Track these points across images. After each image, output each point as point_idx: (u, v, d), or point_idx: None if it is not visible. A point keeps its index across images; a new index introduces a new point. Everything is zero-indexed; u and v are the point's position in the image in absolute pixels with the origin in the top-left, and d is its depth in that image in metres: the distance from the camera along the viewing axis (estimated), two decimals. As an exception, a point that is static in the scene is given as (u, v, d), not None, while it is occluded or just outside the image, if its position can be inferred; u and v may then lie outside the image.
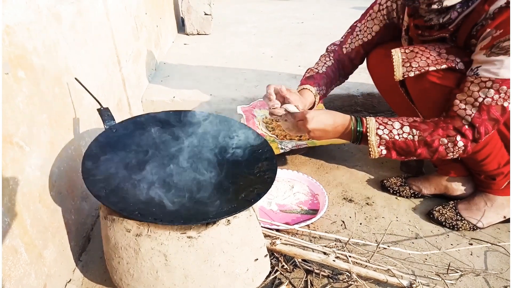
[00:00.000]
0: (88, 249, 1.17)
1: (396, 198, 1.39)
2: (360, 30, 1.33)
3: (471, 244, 1.18)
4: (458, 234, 1.22)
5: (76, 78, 1.07)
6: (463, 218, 1.23)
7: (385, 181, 1.43)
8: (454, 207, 1.26)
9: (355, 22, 1.36)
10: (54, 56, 1.02)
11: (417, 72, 1.03)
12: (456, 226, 1.23)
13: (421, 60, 1.03)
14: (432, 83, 1.04)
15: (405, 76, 1.06)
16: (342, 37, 1.39)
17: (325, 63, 1.36)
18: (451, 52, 1.02)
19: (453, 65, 1.01)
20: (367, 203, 1.37)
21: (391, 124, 1.03)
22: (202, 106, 1.92)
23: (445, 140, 1.00)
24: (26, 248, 0.86)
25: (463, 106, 0.97)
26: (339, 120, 1.06)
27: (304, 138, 1.65)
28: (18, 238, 0.83)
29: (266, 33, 3.05)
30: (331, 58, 1.36)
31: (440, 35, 1.06)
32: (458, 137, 0.99)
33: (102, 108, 1.06)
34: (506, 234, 1.22)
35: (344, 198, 1.40)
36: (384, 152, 1.04)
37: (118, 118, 1.09)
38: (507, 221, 1.24)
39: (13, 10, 0.84)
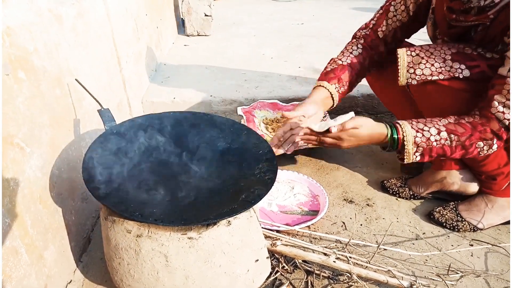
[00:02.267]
0: (89, 250, 1.17)
1: (397, 199, 1.39)
2: (396, 10, 1.23)
3: (472, 245, 1.18)
4: (459, 235, 1.22)
5: (76, 79, 1.08)
6: (463, 219, 1.23)
7: (385, 182, 1.43)
8: (454, 208, 1.26)
9: (386, 3, 1.26)
10: (55, 57, 1.02)
11: (420, 81, 1.03)
12: (456, 227, 1.23)
13: (426, 67, 1.02)
14: (437, 86, 1.04)
15: (409, 83, 1.05)
16: (372, 20, 1.28)
17: (351, 52, 1.26)
18: (456, 59, 1.01)
19: (456, 75, 1.00)
20: (368, 204, 1.37)
21: (428, 130, 1.00)
22: (202, 107, 1.93)
23: (482, 144, 0.98)
24: (27, 249, 0.86)
25: (501, 109, 0.96)
26: (376, 135, 1.03)
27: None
28: (19, 239, 0.83)
29: (266, 34, 3.05)
30: (359, 46, 1.27)
31: (475, 22, 1.01)
32: (495, 140, 0.98)
33: (102, 109, 1.06)
34: (506, 235, 1.22)
35: (345, 199, 1.40)
36: (418, 158, 1.02)
37: (118, 119, 1.09)
38: (508, 222, 1.24)
39: (14, 12, 0.85)
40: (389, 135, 1.02)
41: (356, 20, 3.56)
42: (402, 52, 1.06)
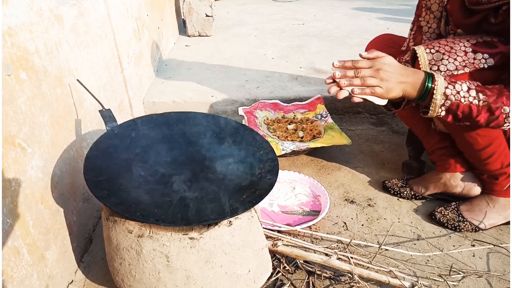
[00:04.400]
0: (90, 250, 1.17)
1: (398, 199, 1.39)
2: (427, 22, 1.22)
3: (474, 246, 1.18)
4: (460, 235, 1.22)
5: (78, 80, 1.08)
6: (465, 219, 1.23)
7: (386, 182, 1.42)
8: (456, 208, 1.26)
9: (414, 20, 1.26)
10: (56, 58, 1.02)
11: (446, 77, 1.00)
12: (458, 227, 1.22)
13: (449, 62, 1.00)
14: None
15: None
16: (410, 42, 1.26)
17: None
18: (477, 50, 0.99)
19: (481, 67, 0.98)
20: (369, 204, 1.37)
21: (460, 85, 0.95)
22: (203, 108, 1.93)
23: (508, 109, 0.95)
24: (28, 249, 0.86)
25: None
26: (412, 73, 0.96)
27: (306, 140, 1.65)
28: (21, 239, 0.83)
29: (267, 34, 3.05)
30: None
31: (499, 2, 0.97)
32: None
33: (104, 110, 1.06)
34: (508, 235, 1.22)
35: (346, 199, 1.39)
36: (443, 113, 0.98)
37: (119, 120, 1.09)
38: (509, 222, 1.24)
39: (15, 12, 0.85)
40: (425, 82, 0.95)
41: (357, 20, 3.58)
42: (421, 50, 1.03)
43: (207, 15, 2.96)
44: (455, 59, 1.00)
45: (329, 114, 1.76)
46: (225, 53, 2.61)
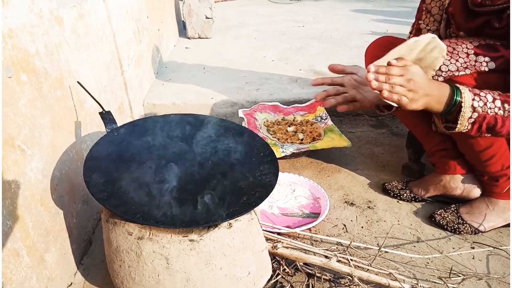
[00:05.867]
0: (90, 252, 1.17)
1: (398, 201, 1.39)
2: (427, 25, 1.23)
3: (473, 248, 1.18)
4: (460, 237, 1.22)
5: (78, 82, 1.08)
6: (464, 222, 1.23)
7: (386, 184, 1.42)
8: (455, 211, 1.26)
9: (414, 23, 1.27)
10: (56, 60, 1.02)
11: (446, 77, 1.01)
12: (458, 229, 1.22)
13: (450, 63, 1.00)
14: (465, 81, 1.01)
15: (434, 79, 1.01)
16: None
17: None
18: (479, 52, 0.99)
19: (482, 69, 0.99)
20: (369, 207, 1.37)
21: (485, 96, 0.93)
22: (203, 110, 1.93)
23: None
24: (28, 252, 0.86)
25: None
26: (439, 88, 0.94)
27: (306, 142, 1.65)
28: (20, 241, 0.83)
29: (267, 36, 3.06)
30: None
31: (503, 5, 0.97)
32: None
33: (104, 112, 1.06)
34: (508, 237, 1.22)
35: (346, 202, 1.39)
36: (469, 127, 0.96)
37: (119, 122, 1.09)
38: (509, 225, 1.23)
39: (15, 14, 0.85)
40: (452, 95, 0.93)
41: (357, 22, 3.59)
42: None
43: (207, 17, 2.96)
44: (457, 60, 1.00)
45: (329, 116, 1.76)
46: (225, 55, 2.62)
